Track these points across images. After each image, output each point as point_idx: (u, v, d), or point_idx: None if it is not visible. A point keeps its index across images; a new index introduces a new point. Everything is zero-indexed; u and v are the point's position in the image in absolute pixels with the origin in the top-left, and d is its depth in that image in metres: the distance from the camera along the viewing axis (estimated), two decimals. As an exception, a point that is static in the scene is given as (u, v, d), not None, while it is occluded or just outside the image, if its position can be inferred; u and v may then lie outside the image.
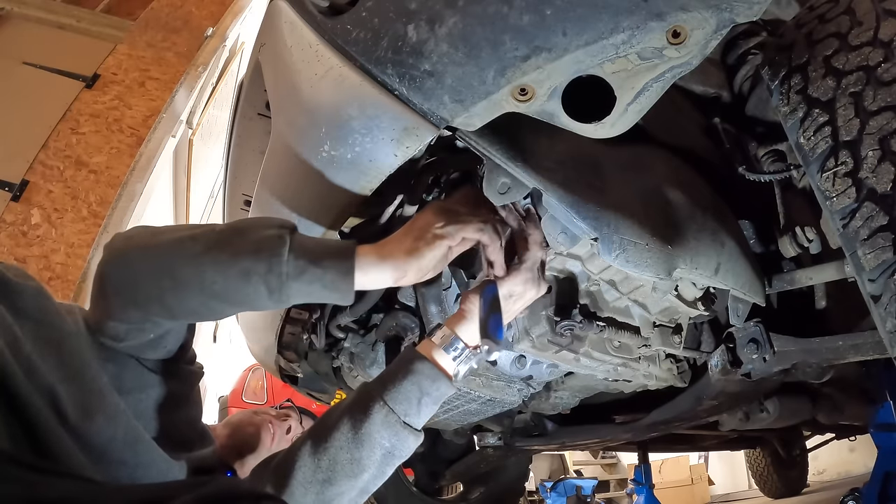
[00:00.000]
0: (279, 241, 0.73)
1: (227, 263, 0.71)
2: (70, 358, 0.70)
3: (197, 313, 0.77)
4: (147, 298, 0.74)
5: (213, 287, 0.72)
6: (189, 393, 0.92)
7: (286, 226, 0.76)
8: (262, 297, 0.73)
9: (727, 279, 0.93)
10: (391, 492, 2.45)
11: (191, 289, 0.73)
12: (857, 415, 1.91)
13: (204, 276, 0.72)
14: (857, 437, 3.13)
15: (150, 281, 0.73)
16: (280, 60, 0.85)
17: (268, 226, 0.76)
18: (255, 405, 4.35)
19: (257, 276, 0.71)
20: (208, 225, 0.78)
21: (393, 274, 0.78)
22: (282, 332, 1.43)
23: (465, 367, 0.83)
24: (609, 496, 7.21)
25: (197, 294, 0.73)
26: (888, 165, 0.68)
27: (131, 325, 0.76)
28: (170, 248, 0.74)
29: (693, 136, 1.06)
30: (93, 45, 3.36)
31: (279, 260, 0.72)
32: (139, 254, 0.75)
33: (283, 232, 0.74)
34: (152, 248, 0.75)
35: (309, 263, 0.73)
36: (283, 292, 0.73)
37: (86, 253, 2.67)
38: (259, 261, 0.71)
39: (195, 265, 0.72)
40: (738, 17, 0.60)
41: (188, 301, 0.74)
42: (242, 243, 0.73)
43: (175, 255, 0.73)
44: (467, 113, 0.69)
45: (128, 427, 0.73)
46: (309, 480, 0.75)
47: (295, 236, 0.75)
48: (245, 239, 0.73)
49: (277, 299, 0.74)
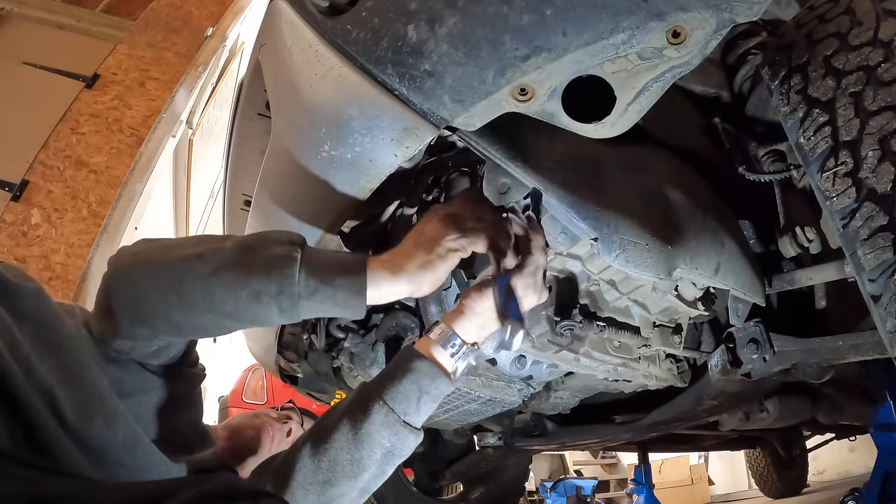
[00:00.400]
0: (290, 261, 0.72)
1: (238, 285, 0.71)
2: (69, 360, 0.70)
3: (206, 330, 0.77)
4: (154, 317, 0.73)
5: (224, 307, 0.72)
6: (190, 395, 0.92)
7: (296, 241, 0.75)
8: (274, 315, 0.73)
9: (727, 279, 0.93)
10: (391, 492, 2.45)
11: (199, 308, 0.72)
12: (857, 415, 1.91)
13: (213, 297, 0.71)
14: (857, 437, 3.13)
15: (158, 300, 0.73)
16: (280, 60, 0.85)
17: (277, 242, 0.75)
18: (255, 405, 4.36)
19: (268, 297, 0.71)
20: (216, 240, 0.77)
21: (408, 287, 0.77)
22: (282, 332, 1.43)
23: (463, 364, 0.83)
24: (609, 496, 7.21)
25: (206, 313, 0.72)
26: (888, 165, 0.68)
27: (137, 341, 0.76)
28: (178, 267, 0.73)
29: (693, 136, 1.06)
30: (93, 45, 3.36)
31: (291, 281, 0.71)
32: (146, 272, 0.74)
33: (294, 249, 0.73)
34: (159, 265, 0.74)
35: (320, 283, 0.72)
36: (295, 311, 0.73)
37: (86, 253, 2.67)
38: (270, 282, 0.71)
39: (204, 285, 0.71)
40: (738, 17, 0.60)
41: (196, 319, 0.73)
42: (252, 263, 0.72)
43: (183, 275, 0.72)
44: (467, 113, 0.69)
45: (127, 430, 0.73)
46: (309, 482, 0.75)
47: (305, 253, 0.74)
48: (255, 258, 0.72)
49: (289, 318, 0.74)
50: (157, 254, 0.76)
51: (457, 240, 0.78)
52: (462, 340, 0.82)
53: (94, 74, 3.19)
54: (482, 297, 0.82)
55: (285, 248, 0.73)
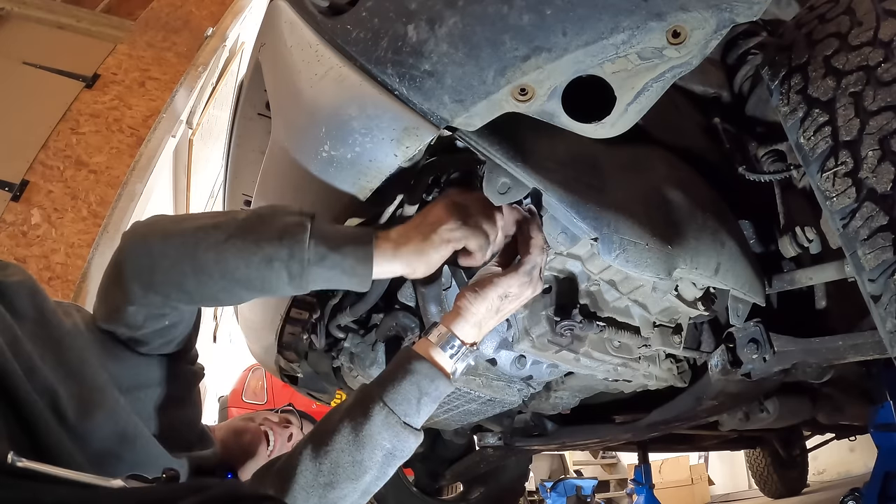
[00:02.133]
0: (301, 228, 0.74)
1: (250, 250, 0.73)
2: (69, 355, 0.71)
3: (216, 298, 0.79)
4: (167, 283, 0.76)
5: (236, 273, 0.74)
6: (189, 394, 0.92)
7: (306, 213, 0.78)
8: (283, 282, 0.75)
9: (727, 279, 0.93)
10: (391, 492, 2.45)
11: (212, 275, 0.74)
12: (857, 415, 1.91)
13: (227, 263, 0.74)
14: (857, 437, 3.13)
15: (172, 266, 0.75)
16: (280, 60, 0.85)
17: (288, 213, 0.77)
18: (255, 405, 4.36)
19: (279, 262, 0.73)
20: (229, 212, 0.80)
21: (403, 269, 0.80)
22: (282, 332, 1.43)
23: (462, 365, 0.84)
24: (609, 496, 7.22)
25: (218, 280, 0.75)
26: (888, 165, 0.68)
27: (151, 309, 0.78)
28: (192, 235, 0.75)
29: (693, 136, 1.06)
30: (93, 45, 3.36)
31: (301, 247, 0.73)
32: (161, 240, 0.76)
33: (304, 219, 0.76)
34: (174, 234, 0.77)
35: (329, 250, 0.75)
36: (304, 278, 0.75)
37: (86, 253, 2.67)
38: (282, 247, 0.73)
39: (217, 252, 0.74)
40: (738, 17, 0.60)
41: (209, 287, 0.76)
42: (265, 230, 0.75)
43: (198, 242, 0.75)
44: (467, 113, 0.69)
45: (128, 422, 0.73)
46: (311, 484, 0.75)
47: (315, 223, 0.76)
48: (267, 226, 0.75)
49: (298, 285, 0.76)
50: (173, 224, 0.79)
51: (453, 231, 0.80)
52: (461, 342, 0.82)
53: (94, 74, 3.20)
54: (478, 297, 0.82)
55: (296, 217, 0.76)
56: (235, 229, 0.75)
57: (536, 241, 0.87)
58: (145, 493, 0.60)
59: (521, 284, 0.84)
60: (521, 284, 0.84)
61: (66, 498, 0.55)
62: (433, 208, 0.82)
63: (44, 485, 0.55)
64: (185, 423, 0.90)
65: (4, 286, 0.68)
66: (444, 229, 0.79)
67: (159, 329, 0.81)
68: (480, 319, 0.83)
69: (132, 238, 0.78)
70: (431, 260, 0.80)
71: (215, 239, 0.74)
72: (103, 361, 0.76)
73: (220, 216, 0.78)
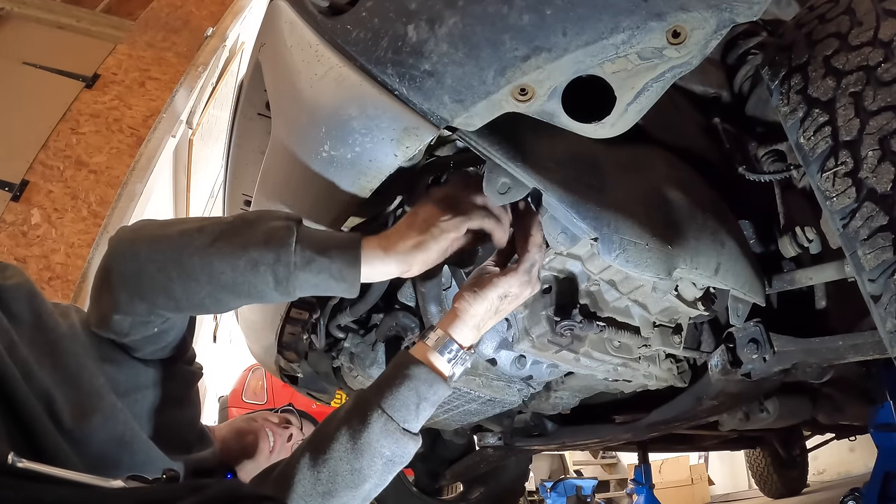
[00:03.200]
0: (287, 232, 0.74)
1: (236, 254, 0.72)
2: (66, 359, 0.70)
3: (203, 305, 0.78)
4: (153, 290, 0.74)
5: (221, 278, 0.73)
6: (187, 394, 0.91)
7: (293, 217, 0.77)
8: (269, 287, 0.74)
9: (727, 279, 0.93)
10: (391, 492, 2.45)
11: (198, 280, 0.73)
12: (857, 415, 1.90)
13: (212, 267, 0.72)
14: (857, 437, 3.13)
15: (158, 272, 0.74)
16: (280, 60, 0.85)
17: (275, 217, 0.76)
18: (255, 405, 4.36)
19: (265, 266, 0.72)
20: (215, 217, 0.79)
21: (399, 267, 0.79)
22: (282, 332, 1.42)
23: (460, 368, 0.83)
24: (609, 496, 7.22)
25: (205, 285, 0.73)
26: (888, 165, 0.68)
27: (136, 317, 0.76)
28: (178, 240, 0.74)
29: (693, 136, 1.06)
30: (93, 45, 3.36)
31: (287, 250, 0.72)
32: (147, 245, 0.75)
33: (291, 223, 0.75)
34: (160, 239, 0.75)
35: (316, 254, 0.74)
36: (291, 283, 0.74)
37: (86, 253, 2.67)
38: (268, 251, 0.72)
39: (203, 256, 0.72)
40: (738, 17, 0.60)
41: (195, 293, 0.74)
42: (251, 234, 0.74)
43: (183, 247, 0.74)
44: (467, 113, 0.69)
45: (125, 426, 0.73)
46: (309, 493, 0.74)
47: (301, 227, 0.76)
48: (253, 230, 0.74)
49: (284, 290, 0.74)
50: (159, 229, 0.78)
51: (449, 220, 0.80)
52: (459, 345, 0.82)
53: (94, 74, 3.19)
54: (477, 298, 0.82)
55: (283, 221, 0.75)
56: (221, 233, 0.74)
57: (535, 239, 0.86)
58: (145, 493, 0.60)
59: (521, 284, 0.83)
60: (521, 284, 0.83)
61: (66, 498, 0.55)
62: (420, 208, 0.82)
63: (44, 485, 0.55)
64: (184, 424, 0.90)
65: (2, 290, 0.68)
66: (441, 220, 0.79)
67: (148, 336, 0.79)
68: (479, 321, 0.82)
69: (119, 243, 0.77)
70: (431, 253, 0.79)
71: (201, 243, 0.73)
72: (100, 365, 0.75)
73: (205, 220, 0.77)
